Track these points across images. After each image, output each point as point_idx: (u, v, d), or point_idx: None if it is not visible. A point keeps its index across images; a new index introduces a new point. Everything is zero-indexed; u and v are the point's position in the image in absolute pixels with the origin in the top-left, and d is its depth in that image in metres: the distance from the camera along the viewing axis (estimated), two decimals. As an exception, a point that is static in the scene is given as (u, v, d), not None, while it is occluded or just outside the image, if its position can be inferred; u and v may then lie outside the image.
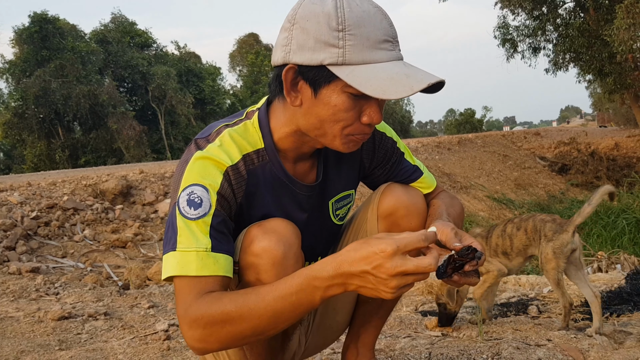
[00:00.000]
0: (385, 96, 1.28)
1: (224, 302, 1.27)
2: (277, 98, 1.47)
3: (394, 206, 1.68)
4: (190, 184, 1.36)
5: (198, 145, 1.44)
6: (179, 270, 1.31)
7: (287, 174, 1.52)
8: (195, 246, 1.32)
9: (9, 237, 5.59)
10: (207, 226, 1.34)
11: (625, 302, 3.14)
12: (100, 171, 11.63)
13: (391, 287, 1.17)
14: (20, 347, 2.56)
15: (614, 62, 19.92)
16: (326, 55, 1.30)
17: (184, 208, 1.34)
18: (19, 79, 35.31)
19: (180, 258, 1.32)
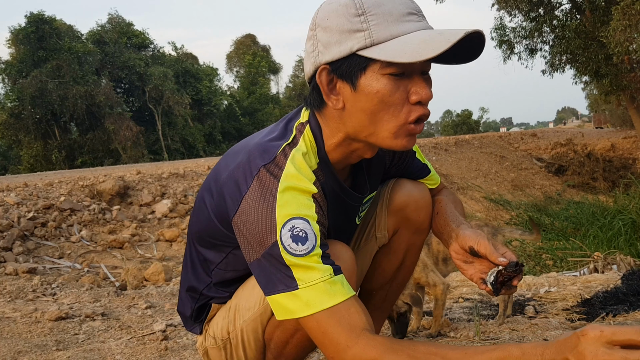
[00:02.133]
0: (421, 57, 1.20)
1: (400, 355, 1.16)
2: (319, 110, 1.40)
3: (405, 201, 1.70)
4: (289, 218, 1.25)
5: (272, 174, 1.30)
6: (321, 303, 1.21)
7: (343, 186, 1.48)
8: (319, 277, 1.23)
9: (6, 237, 5.58)
10: (319, 257, 1.25)
11: (621, 302, 3.15)
12: (97, 172, 11.62)
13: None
14: (17, 347, 2.55)
15: (610, 64, 19.96)
16: (354, 42, 1.25)
17: (289, 246, 1.23)
18: (15, 80, 35.24)
19: (314, 294, 1.22)
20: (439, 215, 1.71)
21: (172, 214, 7.57)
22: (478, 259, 1.45)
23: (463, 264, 1.51)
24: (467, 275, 1.49)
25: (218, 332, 1.61)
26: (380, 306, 1.88)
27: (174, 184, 8.50)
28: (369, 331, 1.21)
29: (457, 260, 1.52)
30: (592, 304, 3.19)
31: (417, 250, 1.82)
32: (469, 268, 1.48)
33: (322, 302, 1.21)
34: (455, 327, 2.68)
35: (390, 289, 1.86)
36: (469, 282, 4.23)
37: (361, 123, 1.33)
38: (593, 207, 14.68)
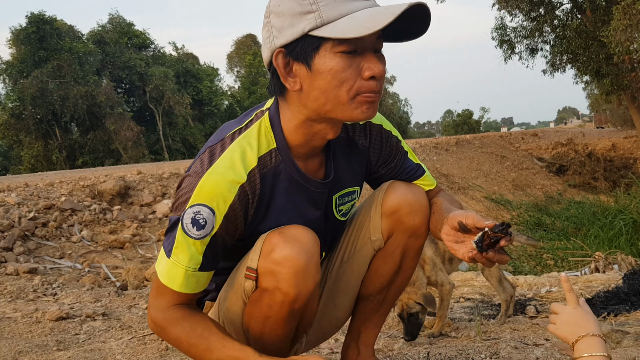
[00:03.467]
0: (369, 31, 1.26)
1: (183, 329, 1.45)
2: (280, 96, 1.46)
3: (398, 204, 1.69)
4: (198, 203, 1.38)
5: (212, 156, 1.43)
6: (166, 280, 1.43)
7: (301, 172, 1.51)
8: (186, 264, 1.41)
9: (7, 237, 5.58)
10: (204, 246, 1.41)
11: (622, 302, 3.15)
12: (98, 172, 11.62)
13: None
14: (18, 347, 2.55)
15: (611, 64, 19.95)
16: (305, 23, 1.31)
17: (187, 225, 1.38)
18: (16, 80, 35.23)
19: (170, 269, 1.43)
20: (435, 215, 1.70)
21: (173, 214, 7.56)
22: (469, 236, 1.45)
23: (454, 244, 1.50)
24: (459, 255, 1.49)
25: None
26: (377, 310, 1.86)
27: (174, 184, 8.49)
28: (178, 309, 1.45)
29: (449, 242, 1.52)
30: (593, 304, 3.19)
31: (414, 254, 1.80)
32: (460, 247, 1.48)
33: (174, 283, 1.42)
34: (457, 327, 2.68)
35: (388, 294, 1.84)
36: (471, 282, 4.23)
37: (319, 101, 1.38)
38: (594, 207, 14.67)
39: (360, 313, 1.87)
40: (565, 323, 1.27)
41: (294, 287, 1.41)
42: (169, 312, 1.46)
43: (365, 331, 1.88)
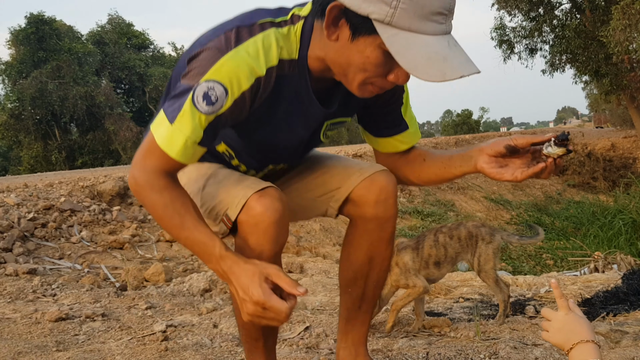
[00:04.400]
0: (415, 74, 1.30)
1: (162, 198, 1.44)
2: (319, 19, 1.43)
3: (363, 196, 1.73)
4: (214, 79, 1.37)
5: (238, 37, 1.41)
6: (164, 144, 1.41)
7: (309, 93, 1.53)
8: (188, 134, 1.39)
9: (6, 238, 5.57)
10: (208, 123, 1.40)
11: (621, 301, 3.15)
12: (98, 172, 11.62)
13: (247, 312, 1.38)
14: (17, 348, 2.55)
15: (610, 63, 19.97)
16: (375, 9, 1.28)
17: (197, 97, 1.37)
18: (15, 80, 35.22)
19: (171, 135, 1.41)
20: (431, 159, 1.75)
21: (172, 215, 7.56)
22: (510, 159, 1.55)
23: (500, 169, 1.56)
24: (507, 178, 1.55)
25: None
26: (359, 306, 1.88)
27: (174, 185, 8.49)
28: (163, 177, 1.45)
29: (492, 170, 1.57)
30: (592, 304, 3.19)
31: (385, 244, 1.81)
32: (507, 171, 1.55)
33: (172, 150, 1.41)
34: (456, 327, 2.68)
35: (366, 289, 1.86)
36: (470, 282, 4.23)
37: (340, 64, 1.42)
38: (593, 207, 14.69)
39: (344, 311, 1.91)
40: (558, 330, 1.28)
41: (268, 244, 1.50)
42: (153, 177, 1.45)
43: (353, 330, 1.91)
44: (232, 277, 1.41)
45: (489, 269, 2.68)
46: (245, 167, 1.73)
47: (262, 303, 1.34)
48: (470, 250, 2.72)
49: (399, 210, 12.38)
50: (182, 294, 4.14)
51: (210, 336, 2.74)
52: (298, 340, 2.56)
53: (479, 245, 2.70)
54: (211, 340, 2.67)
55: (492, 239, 2.70)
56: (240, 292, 1.39)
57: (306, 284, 4.54)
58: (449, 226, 2.79)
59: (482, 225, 2.80)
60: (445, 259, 2.69)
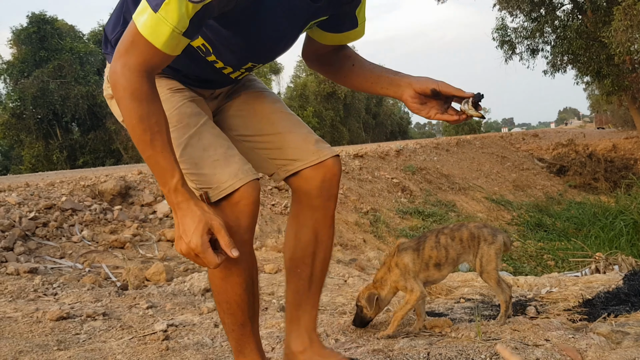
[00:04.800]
0: None
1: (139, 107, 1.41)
2: None
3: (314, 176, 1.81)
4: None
5: None
6: (149, 34, 1.38)
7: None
8: (174, 24, 1.36)
9: (7, 237, 5.58)
10: (195, 12, 1.37)
11: (622, 302, 3.15)
12: (99, 172, 11.63)
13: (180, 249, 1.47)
14: (18, 347, 2.55)
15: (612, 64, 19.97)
16: None
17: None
18: (17, 80, 35.25)
19: (156, 24, 1.37)
20: (360, 67, 1.84)
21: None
22: (430, 100, 1.73)
23: (419, 105, 1.75)
24: (423, 115, 1.74)
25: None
26: (309, 288, 1.91)
27: (175, 184, 8.50)
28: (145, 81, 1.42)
29: (413, 105, 1.75)
30: (593, 305, 3.19)
31: (329, 222, 1.88)
32: (424, 108, 1.75)
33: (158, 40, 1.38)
34: (457, 327, 2.68)
35: (314, 269, 1.90)
36: (471, 282, 4.23)
37: None
38: (594, 208, 14.69)
39: (293, 295, 1.93)
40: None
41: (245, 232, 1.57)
42: (136, 78, 1.41)
43: (305, 315, 1.93)
44: (179, 212, 1.46)
45: (491, 270, 2.68)
46: (222, 64, 1.71)
47: (197, 252, 1.43)
48: (472, 251, 2.71)
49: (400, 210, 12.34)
50: (183, 293, 4.15)
51: (211, 336, 2.75)
52: (299, 340, 2.56)
53: (481, 246, 2.70)
54: (212, 339, 2.67)
55: (494, 240, 2.70)
56: (180, 230, 1.46)
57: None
58: (450, 227, 2.79)
59: (484, 226, 2.79)
60: (446, 261, 2.68)
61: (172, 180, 1.44)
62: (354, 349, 2.40)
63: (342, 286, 4.28)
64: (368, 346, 2.41)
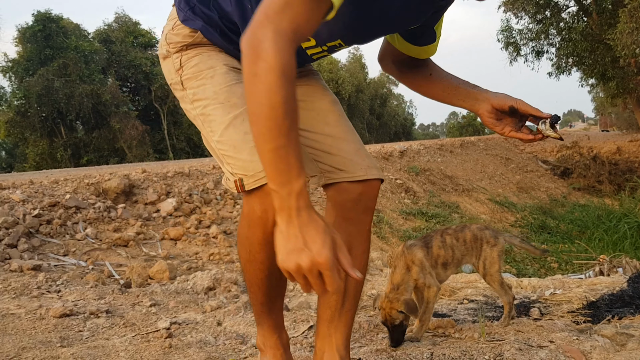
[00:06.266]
0: None
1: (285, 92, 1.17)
2: None
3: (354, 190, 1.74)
4: None
5: None
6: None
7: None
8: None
9: (11, 234, 5.59)
10: None
11: (627, 305, 3.14)
12: (103, 170, 11.65)
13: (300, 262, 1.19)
14: (21, 343, 2.55)
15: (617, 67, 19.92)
16: None
17: None
18: (22, 78, 35.37)
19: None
20: (437, 77, 1.84)
21: (177, 213, 7.57)
22: (506, 117, 1.74)
23: (495, 121, 1.76)
24: (498, 131, 1.75)
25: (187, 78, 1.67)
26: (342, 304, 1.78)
27: (179, 183, 8.51)
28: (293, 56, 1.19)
29: (489, 119, 1.76)
30: (597, 307, 3.18)
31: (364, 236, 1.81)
32: (499, 124, 1.75)
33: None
34: (460, 328, 2.67)
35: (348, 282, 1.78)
36: (474, 284, 4.22)
37: None
38: (598, 210, 14.65)
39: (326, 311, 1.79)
40: None
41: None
42: (289, 48, 1.18)
43: (337, 333, 1.79)
44: (297, 220, 1.21)
45: (494, 272, 2.67)
46: (314, 42, 1.61)
47: (325, 269, 1.18)
48: (475, 253, 2.71)
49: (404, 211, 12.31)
50: (186, 291, 4.15)
51: (214, 334, 2.74)
52: (302, 339, 2.56)
53: (483, 249, 2.69)
54: (215, 337, 2.66)
55: (496, 242, 2.69)
56: (299, 242, 1.19)
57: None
58: (453, 228, 2.78)
59: (485, 228, 2.78)
60: (452, 261, 2.68)
61: (297, 180, 1.20)
62: (357, 349, 2.40)
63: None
64: (371, 346, 2.41)
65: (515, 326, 2.63)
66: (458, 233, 2.72)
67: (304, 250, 1.18)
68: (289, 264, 1.20)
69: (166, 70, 1.74)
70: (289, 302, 3.66)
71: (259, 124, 1.19)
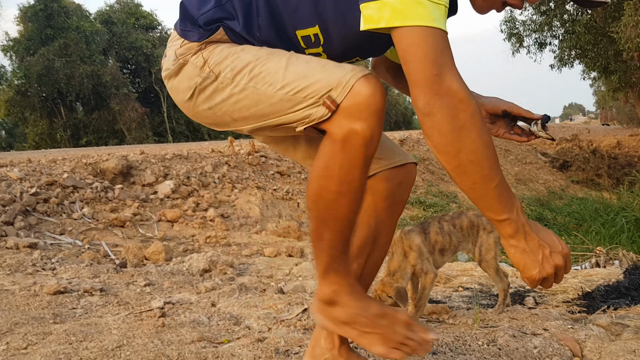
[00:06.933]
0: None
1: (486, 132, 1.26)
2: None
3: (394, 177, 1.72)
4: None
5: None
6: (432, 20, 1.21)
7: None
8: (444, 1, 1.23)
9: (8, 212, 5.58)
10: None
11: (623, 296, 3.13)
12: (101, 151, 11.62)
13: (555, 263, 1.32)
14: (14, 319, 2.55)
15: (620, 60, 19.84)
16: None
17: None
18: (22, 57, 35.20)
19: (430, 8, 1.21)
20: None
21: (175, 195, 7.57)
22: (499, 119, 1.80)
23: (490, 125, 1.80)
24: (493, 133, 1.78)
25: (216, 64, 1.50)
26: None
27: (177, 166, 8.49)
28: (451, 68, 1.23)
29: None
30: (593, 297, 3.17)
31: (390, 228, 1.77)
32: (493, 127, 1.80)
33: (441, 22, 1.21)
34: (454, 314, 2.67)
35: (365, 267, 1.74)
36: (469, 272, 4.21)
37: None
38: (596, 204, 14.64)
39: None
40: None
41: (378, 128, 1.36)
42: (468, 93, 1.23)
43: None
44: (531, 233, 1.33)
45: (490, 259, 2.67)
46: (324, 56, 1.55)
47: (567, 256, 1.34)
48: (472, 239, 2.70)
49: (402, 199, 12.44)
50: (181, 273, 4.14)
51: (208, 314, 2.74)
52: (295, 322, 2.55)
53: (480, 235, 2.69)
54: (209, 318, 2.66)
55: (493, 229, 2.68)
56: (546, 247, 1.32)
57: (306, 268, 4.54)
58: (450, 215, 2.77)
59: (482, 215, 2.77)
60: (449, 247, 2.67)
61: (516, 201, 1.32)
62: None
63: (341, 271, 4.26)
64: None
65: (509, 314, 2.63)
66: (455, 219, 2.71)
67: (553, 252, 1.32)
68: (548, 270, 1.32)
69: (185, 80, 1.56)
70: (284, 286, 3.65)
71: (482, 168, 1.26)
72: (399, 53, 1.27)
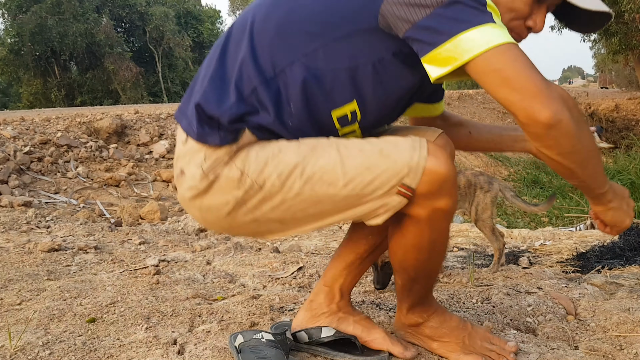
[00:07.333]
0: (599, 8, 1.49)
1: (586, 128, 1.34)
2: None
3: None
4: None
5: None
6: (507, 35, 1.20)
7: None
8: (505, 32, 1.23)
9: (2, 170, 5.54)
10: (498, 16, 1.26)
11: (617, 256, 3.14)
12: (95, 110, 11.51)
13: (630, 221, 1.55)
14: (8, 275, 2.54)
15: (621, 22, 19.59)
16: None
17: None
18: (15, 15, 34.61)
19: (499, 27, 1.21)
20: (478, 133, 1.80)
21: (170, 155, 7.53)
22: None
23: None
24: None
25: (257, 173, 1.35)
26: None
27: (172, 125, 8.42)
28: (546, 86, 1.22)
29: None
30: (587, 258, 3.18)
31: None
32: None
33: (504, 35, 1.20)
34: (449, 273, 2.67)
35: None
36: (465, 233, 4.22)
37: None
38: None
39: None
40: None
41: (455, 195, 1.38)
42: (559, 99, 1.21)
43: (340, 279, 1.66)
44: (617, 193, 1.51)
45: (486, 218, 2.66)
46: (357, 129, 1.44)
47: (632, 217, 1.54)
48: (468, 199, 2.69)
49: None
50: (176, 232, 4.14)
51: (202, 272, 2.73)
52: (291, 280, 2.55)
53: (477, 194, 2.68)
54: (203, 276, 2.66)
55: (490, 188, 2.67)
56: (624, 198, 1.54)
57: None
58: None
59: (480, 174, 2.76)
60: None
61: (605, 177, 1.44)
62: (345, 290, 2.39)
63: (336, 232, 4.27)
64: (359, 287, 2.40)
65: (504, 273, 2.63)
66: None
67: (629, 199, 1.56)
68: (632, 215, 1.54)
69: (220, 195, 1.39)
70: (280, 245, 3.65)
71: (594, 150, 1.33)
72: (488, 80, 1.22)
